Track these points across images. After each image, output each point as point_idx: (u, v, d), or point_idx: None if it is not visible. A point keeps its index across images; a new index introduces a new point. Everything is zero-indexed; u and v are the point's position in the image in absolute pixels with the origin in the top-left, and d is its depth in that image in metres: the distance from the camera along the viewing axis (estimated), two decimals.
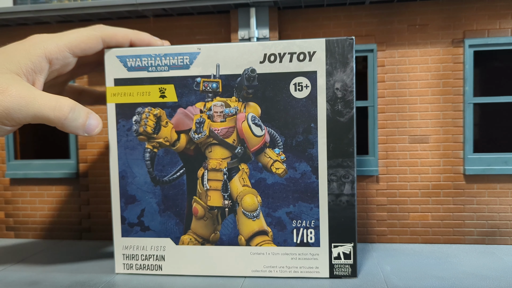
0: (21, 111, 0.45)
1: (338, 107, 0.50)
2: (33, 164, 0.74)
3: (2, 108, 0.44)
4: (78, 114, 0.48)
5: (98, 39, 0.51)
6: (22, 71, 0.47)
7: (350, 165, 0.51)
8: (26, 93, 0.45)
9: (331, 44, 0.50)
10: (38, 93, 0.46)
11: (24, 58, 0.47)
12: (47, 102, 0.46)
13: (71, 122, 0.47)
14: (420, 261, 0.58)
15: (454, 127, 0.64)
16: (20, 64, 0.47)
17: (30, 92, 0.45)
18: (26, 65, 0.47)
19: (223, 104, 0.52)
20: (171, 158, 0.53)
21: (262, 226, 0.52)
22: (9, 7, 0.69)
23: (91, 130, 0.49)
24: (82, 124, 0.48)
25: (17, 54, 0.47)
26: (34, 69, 0.47)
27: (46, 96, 0.46)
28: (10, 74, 0.46)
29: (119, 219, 0.55)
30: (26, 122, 0.46)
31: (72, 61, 0.51)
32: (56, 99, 0.46)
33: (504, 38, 0.63)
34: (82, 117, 0.48)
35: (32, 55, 0.47)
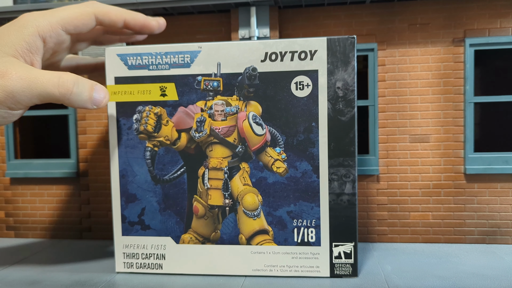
0: (24, 92, 0.44)
1: (339, 106, 0.50)
2: (33, 163, 0.74)
3: (5, 92, 0.44)
4: (82, 87, 0.47)
5: (91, 15, 0.50)
6: (18, 52, 0.46)
7: (351, 164, 0.51)
8: (27, 74, 0.45)
9: (333, 43, 0.50)
10: (38, 72, 0.45)
11: (18, 39, 0.46)
12: (50, 79, 0.45)
13: (77, 96, 0.47)
14: (420, 260, 0.58)
15: (454, 127, 0.64)
16: (15, 46, 0.46)
17: (30, 72, 0.45)
18: (22, 46, 0.46)
19: (224, 102, 0.52)
20: (172, 157, 0.53)
21: (262, 225, 0.52)
22: (9, 6, 0.69)
23: (99, 101, 0.49)
24: (89, 97, 0.48)
25: (10, 35, 0.46)
26: (30, 49, 0.47)
27: (48, 73, 0.46)
28: (7, 57, 0.46)
29: (119, 218, 0.55)
30: (33, 103, 0.46)
31: (66, 39, 0.50)
32: (58, 75, 0.46)
33: (504, 38, 0.63)
34: (87, 89, 0.48)
35: (25, 35, 0.46)
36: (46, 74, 0.46)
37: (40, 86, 0.45)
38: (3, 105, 0.45)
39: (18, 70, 0.45)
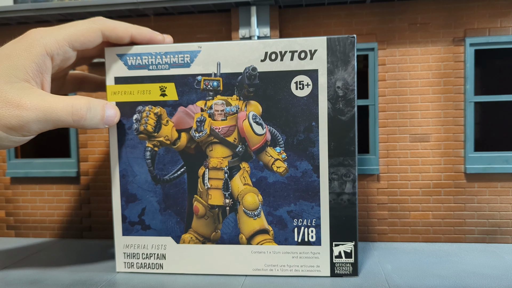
0: (40, 122, 0.45)
1: (339, 106, 0.50)
2: (34, 163, 0.74)
3: (21, 122, 0.45)
4: (95, 112, 0.48)
5: (98, 32, 0.50)
6: (30, 75, 0.46)
7: (351, 164, 0.51)
8: (41, 103, 0.45)
9: (333, 42, 0.50)
10: (53, 101, 0.46)
11: (27, 61, 0.46)
12: (63, 108, 0.46)
13: (90, 121, 0.48)
14: (421, 259, 0.58)
15: (455, 126, 0.64)
16: (26, 69, 0.46)
17: (44, 101, 0.46)
18: (32, 68, 0.47)
19: (224, 102, 0.52)
20: (172, 157, 0.53)
21: (263, 224, 0.52)
22: (10, 6, 0.69)
23: (111, 121, 0.50)
24: (100, 120, 0.49)
25: (20, 57, 0.46)
26: (40, 70, 0.47)
27: (61, 102, 0.46)
28: (20, 83, 0.46)
29: (119, 218, 0.55)
30: (46, 130, 0.47)
31: (73, 55, 0.50)
32: (71, 103, 0.47)
33: (505, 37, 0.63)
34: (99, 113, 0.49)
35: (34, 56, 0.46)
36: (60, 102, 0.46)
37: (54, 116, 0.46)
38: (18, 133, 0.46)
39: (32, 99, 0.45)
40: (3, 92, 0.45)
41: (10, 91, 0.45)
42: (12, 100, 0.45)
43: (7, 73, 0.46)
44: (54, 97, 0.47)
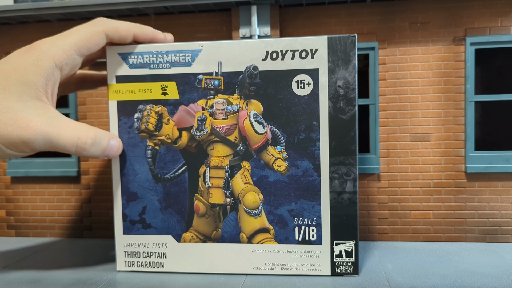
0: (44, 145, 0.46)
1: (340, 105, 0.50)
2: (34, 162, 0.74)
3: (24, 139, 0.45)
4: (99, 145, 0.49)
5: (102, 34, 0.50)
6: (40, 91, 0.47)
7: (352, 163, 0.51)
8: (49, 128, 0.46)
9: (333, 41, 0.50)
10: (60, 128, 0.46)
11: (37, 76, 0.46)
12: (69, 139, 0.47)
13: (91, 153, 0.49)
14: (421, 259, 0.58)
15: (455, 125, 0.64)
16: (36, 86, 0.46)
17: (53, 126, 0.46)
18: (42, 83, 0.47)
19: (225, 101, 0.52)
20: (173, 156, 0.53)
21: (263, 223, 0.52)
22: (10, 5, 0.69)
23: (113, 154, 0.51)
24: (102, 152, 0.50)
25: (29, 72, 0.46)
26: (49, 83, 0.47)
27: (68, 131, 0.47)
28: (31, 102, 0.46)
29: (120, 217, 0.55)
30: (45, 150, 0.47)
31: (80, 61, 0.50)
32: (77, 135, 0.47)
33: (505, 36, 0.63)
34: (103, 145, 0.50)
35: (43, 69, 0.46)
36: (67, 132, 0.46)
37: (59, 144, 0.46)
38: (20, 150, 0.46)
39: (42, 122, 0.45)
40: (14, 110, 0.45)
41: (22, 110, 0.45)
42: (22, 120, 0.45)
43: (18, 91, 0.46)
44: (62, 122, 0.47)
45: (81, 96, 0.72)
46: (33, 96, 0.46)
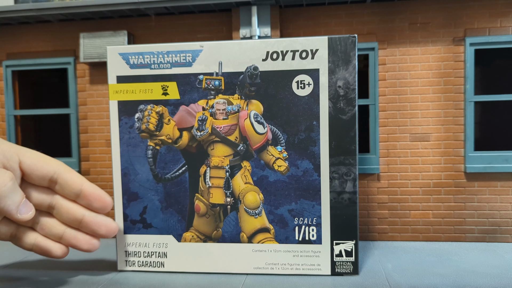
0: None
1: (340, 105, 0.51)
2: None
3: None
4: (17, 188, 0.45)
5: (53, 163, 0.49)
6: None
7: (352, 163, 0.51)
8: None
9: (334, 42, 0.50)
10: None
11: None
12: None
13: (9, 198, 0.45)
14: (421, 258, 0.58)
15: (455, 125, 0.64)
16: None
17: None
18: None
19: (226, 101, 0.52)
20: (173, 156, 0.53)
21: (264, 223, 0.53)
22: (11, 6, 0.69)
23: (26, 211, 0.47)
24: (19, 202, 0.46)
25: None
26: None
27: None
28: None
29: (121, 216, 0.55)
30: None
31: (16, 170, 0.47)
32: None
33: (505, 37, 0.63)
34: (19, 193, 0.46)
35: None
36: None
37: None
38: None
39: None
40: None
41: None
42: None
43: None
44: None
45: (81, 96, 0.72)
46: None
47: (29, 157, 0.48)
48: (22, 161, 0.48)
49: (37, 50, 0.74)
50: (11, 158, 0.47)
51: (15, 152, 0.48)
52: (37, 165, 0.48)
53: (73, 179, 0.50)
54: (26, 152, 0.48)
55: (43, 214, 0.51)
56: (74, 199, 0.50)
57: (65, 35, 0.73)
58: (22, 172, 0.48)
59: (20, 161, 0.48)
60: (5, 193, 0.44)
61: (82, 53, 0.70)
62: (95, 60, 0.69)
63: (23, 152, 0.48)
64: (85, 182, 0.50)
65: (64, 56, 0.73)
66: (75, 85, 0.73)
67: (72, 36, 0.72)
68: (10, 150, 0.47)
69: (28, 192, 0.49)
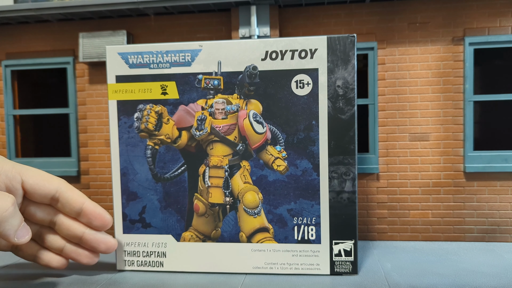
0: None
1: (339, 105, 0.51)
2: (34, 162, 0.74)
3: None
4: (17, 212, 0.45)
5: (56, 182, 0.49)
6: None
7: (351, 163, 0.51)
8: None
9: (333, 41, 0.50)
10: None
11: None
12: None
13: (8, 222, 0.44)
14: (420, 258, 0.58)
15: (454, 125, 0.64)
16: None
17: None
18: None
19: (225, 101, 0.52)
20: (173, 155, 0.53)
21: (263, 223, 0.53)
22: (10, 5, 0.69)
23: (23, 235, 0.46)
24: (17, 226, 0.45)
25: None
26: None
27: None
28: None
29: (120, 216, 0.55)
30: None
31: (19, 190, 0.48)
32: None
33: (504, 36, 0.63)
34: (19, 217, 0.45)
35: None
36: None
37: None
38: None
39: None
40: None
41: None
42: None
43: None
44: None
45: (81, 96, 0.72)
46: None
47: (31, 176, 0.48)
48: (24, 181, 0.48)
49: (36, 49, 0.73)
50: (14, 178, 0.47)
51: (18, 172, 0.48)
52: (39, 184, 0.48)
53: (74, 197, 0.50)
54: (29, 172, 0.49)
55: (45, 228, 0.52)
56: (75, 217, 0.51)
57: (64, 35, 0.73)
58: (24, 191, 0.48)
59: (22, 180, 0.48)
60: (5, 218, 0.43)
61: (81, 53, 0.70)
62: (94, 59, 0.69)
63: (25, 171, 0.48)
64: (86, 200, 0.51)
65: (63, 56, 0.73)
66: (74, 84, 0.72)
67: (71, 35, 0.72)
68: (13, 170, 0.47)
69: (30, 209, 0.50)
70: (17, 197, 0.48)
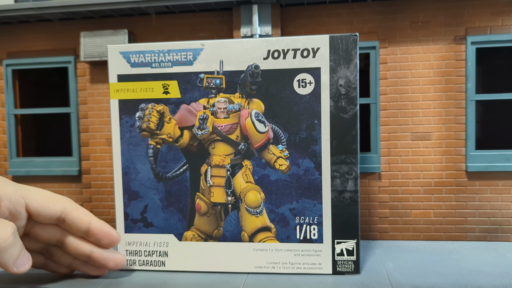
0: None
1: (341, 104, 0.50)
2: (35, 161, 0.74)
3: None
4: (18, 241, 0.44)
5: (61, 203, 0.48)
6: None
7: (353, 162, 0.51)
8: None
9: (335, 40, 0.50)
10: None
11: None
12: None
13: (7, 252, 0.43)
14: (422, 257, 0.58)
15: (456, 124, 0.64)
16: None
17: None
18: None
19: (227, 100, 0.52)
20: (174, 155, 0.53)
21: (265, 222, 0.53)
22: (11, 4, 0.69)
23: (23, 264, 0.45)
24: (17, 256, 0.44)
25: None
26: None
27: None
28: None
29: (122, 215, 0.55)
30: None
31: (23, 214, 0.47)
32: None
33: (506, 35, 0.63)
34: (19, 246, 0.44)
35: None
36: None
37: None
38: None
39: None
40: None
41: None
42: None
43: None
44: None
45: (82, 95, 0.72)
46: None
47: (36, 199, 0.47)
48: (28, 204, 0.47)
49: (37, 49, 0.73)
50: (17, 202, 0.46)
51: (21, 196, 0.47)
52: (43, 206, 0.47)
53: (80, 218, 0.49)
54: (32, 194, 0.47)
55: (52, 245, 0.51)
56: (82, 236, 0.50)
57: (66, 34, 0.73)
58: (29, 213, 0.47)
59: (26, 204, 0.47)
60: (4, 248, 0.42)
61: (82, 52, 0.70)
62: (95, 59, 0.69)
63: (29, 194, 0.47)
64: (93, 219, 0.50)
65: (64, 55, 0.72)
66: (76, 84, 0.72)
67: (73, 35, 0.72)
68: (16, 194, 0.46)
69: (36, 230, 0.49)
70: (21, 220, 0.47)
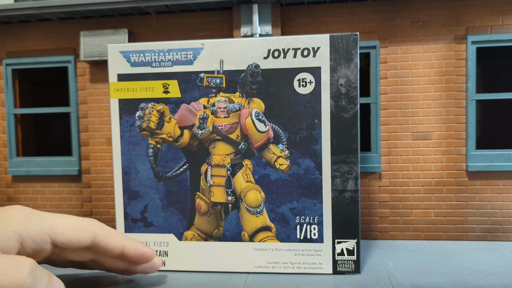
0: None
1: (342, 103, 0.50)
2: (35, 161, 0.74)
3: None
4: (39, 278, 0.40)
5: (90, 233, 0.45)
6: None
7: (353, 161, 0.51)
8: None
9: (335, 39, 0.50)
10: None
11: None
12: (1, 266, 0.39)
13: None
14: (422, 257, 0.58)
15: (456, 124, 0.64)
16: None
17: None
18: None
19: (227, 99, 0.52)
20: (174, 154, 0.53)
21: (265, 222, 0.52)
22: (11, 4, 0.69)
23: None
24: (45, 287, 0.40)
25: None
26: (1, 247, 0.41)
27: (2, 258, 0.39)
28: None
29: (122, 215, 0.55)
30: None
31: (48, 248, 0.44)
32: (11, 259, 0.39)
33: (507, 35, 0.63)
34: (44, 281, 0.40)
35: (3, 229, 0.41)
36: (1, 259, 0.39)
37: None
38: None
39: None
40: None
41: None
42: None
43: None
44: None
45: (82, 95, 0.72)
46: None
47: (62, 234, 0.44)
48: (54, 240, 0.44)
49: (37, 48, 0.73)
50: (42, 241, 0.43)
51: (46, 233, 0.43)
52: (71, 239, 0.44)
53: (112, 244, 0.46)
54: (59, 228, 0.44)
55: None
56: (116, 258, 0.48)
57: (65, 34, 0.73)
58: (55, 246, 0.45)
59: (52, 240, 0.44)
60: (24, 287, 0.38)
61: (82, 52, 0.69)
62: (95, 58, 0.69)
63: (55, 229, 0.44)
64: (126, 243, 0.47)
65: (64, 55, 0.72)
66: (76, 83, 0.72)
67: (73, 34, 0.72)
68: (40, 233, 0.43)
69: (66, 254, 0.46)
70: (46, 252, 0.44)
